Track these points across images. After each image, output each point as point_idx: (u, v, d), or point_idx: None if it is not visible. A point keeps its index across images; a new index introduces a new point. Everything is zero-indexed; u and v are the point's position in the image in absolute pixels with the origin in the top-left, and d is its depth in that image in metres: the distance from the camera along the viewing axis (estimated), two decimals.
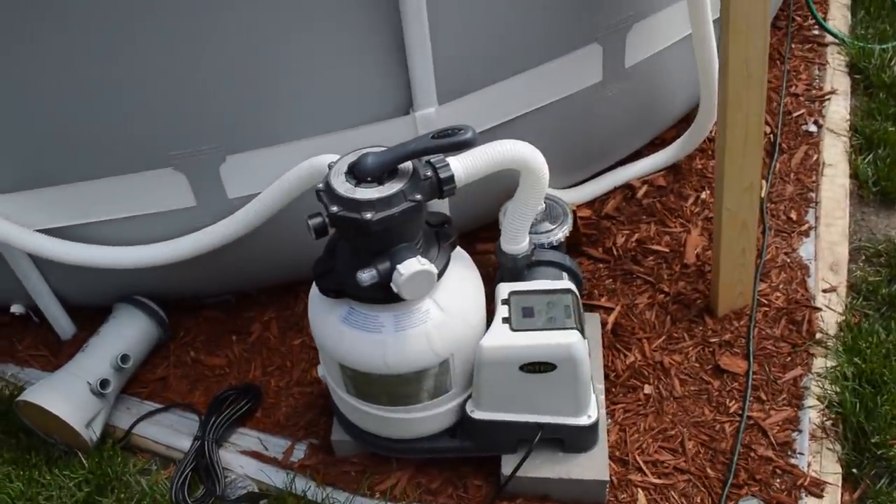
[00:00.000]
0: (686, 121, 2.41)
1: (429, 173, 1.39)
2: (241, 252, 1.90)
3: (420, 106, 1.79)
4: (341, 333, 1.48)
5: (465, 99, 1.84)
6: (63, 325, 2.13)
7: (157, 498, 1.76)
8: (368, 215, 1.32)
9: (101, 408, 1.88)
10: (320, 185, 1.39)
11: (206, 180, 1.81)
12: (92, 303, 2.12)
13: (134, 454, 1.90)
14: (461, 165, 1.42)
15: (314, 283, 1.57)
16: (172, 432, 1.91)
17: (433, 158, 1.42)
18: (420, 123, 1.80)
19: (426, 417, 1.62)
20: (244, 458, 1.84)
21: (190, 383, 2.00)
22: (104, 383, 1.86)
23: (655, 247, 2.14)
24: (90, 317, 2.13)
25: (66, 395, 1.82)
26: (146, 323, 2.01)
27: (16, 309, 2.13)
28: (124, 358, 1.91)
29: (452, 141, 1.33)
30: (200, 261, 1.88)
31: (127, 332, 1.97)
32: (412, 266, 1.36)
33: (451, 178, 1.41)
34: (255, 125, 1.76)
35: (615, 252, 2.14)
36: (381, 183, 1.36)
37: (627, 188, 2.29)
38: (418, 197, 1.35)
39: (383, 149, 1.38)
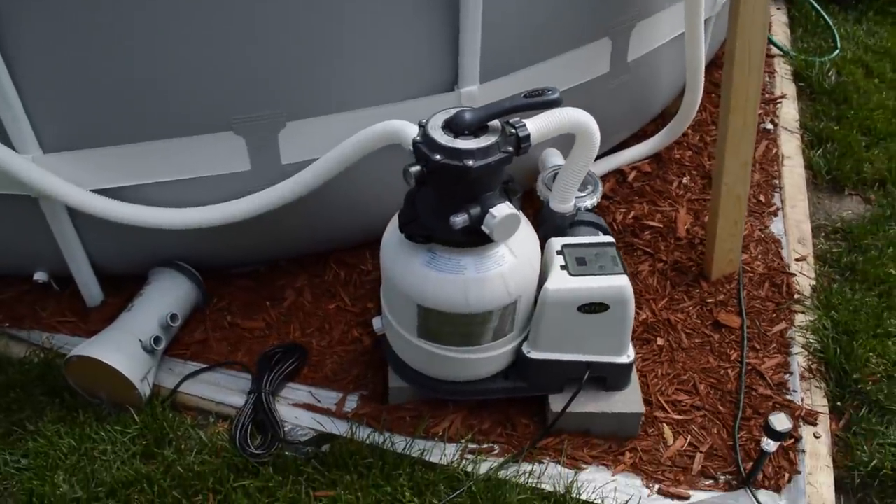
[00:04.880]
0: (662, 117, 2.71)
1: (511, 131, 1.58)
2: (277, 222, 2.00)
3: (464, 83, 1.98)
4: (425, 276, 1.63)
5: (501, 80, 2.04)
6: (93, 291, 2.15)
7: (220, 445, 1.83)
8: (470, 162, 1.49)
9: (152, 365, 1.93)
10: (418, 138, 1.55)
11: (264, 145, 1.92)
12: (124, 270, 2.16)
13: (179, 413, 1.96)
14: (534, 126, 1.61)
15: (386, 237, 1.72)
16: (220, 389, 1.98)
17: (511, 119, 1.60)
18: (464, 99, 1.98)
19: (487, 358, 1.78)
20: (298, 409, 1.93)
21: (230, 345, 2.08)
22: (157, 340, 1.91)
23: (650, 223, 2.40)
24: (114, 285, 2.17)
25: (123, 350, 1.87)
26: (188, 286, 2.07)
27: (39, 276, 2.13)
28: (173, 317, 1.97)
29: (544, 100, 1.53)
30: (239, 228, 1.97)
31: (171, 294, 2.03)
32: (504, 210, 1.53)
33: (528, 137, 1.59)
34: (316, 94, 1.89)
35: (615, 227, 2.38)
36: (475, 136, 1.53)
37: (619, 173, 2.55)
38: (509, 149, 1.53)
39: (474, 107, 1.56)
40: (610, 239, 1.83)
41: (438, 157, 1.50)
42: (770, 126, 2.76)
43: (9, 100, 1.72)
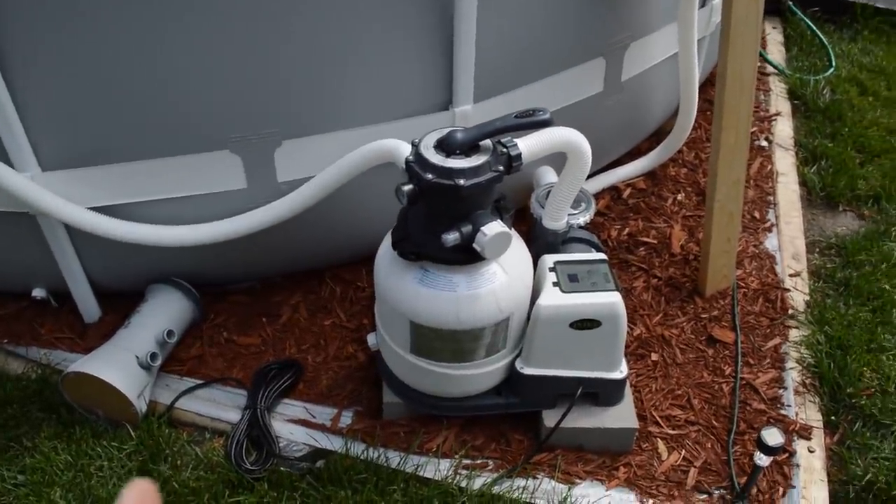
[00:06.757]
0: (657, 135, 2.73)
1: (503, 150, 1.60)
2: (273, 238, 2.02)
3: (459, 103, 2.00)
4: (417, 293, 1.65)
5: (495, 99, 2.07)
6: (90, 308, 2.17)
7: (216, 461, 1.84)
8: (461, 181, 1.50)
9: (148, 381, 1.94)
10: (410, 157, 1.57)
11: (260, 164, 1.94)
12: (120, 287, 2.18)
13: (176, 428, 1.97)
14: (525, 145, 1.63)
15: (380, 254, 1.73)
16: (216, 405, 1.99)
17: (503, 139, 1.62)
18: (458, 118, 2.01)
19: (480, 374, 1.79)
20: (292, 425, 1.94)
21: (226, 361, 2.09)
22: (154, 356, 1.93)
23: (645, 239, 2.41)
24: (111, 302, 2.19)
25: (119, 367, 1.88)
26: (185, 302, 2.09)
27: (37, 293, 2.16)
28: (170, 333, 1.99)
29: (534, 120, 1.55)
30: (235, 245, 1.99)
31: (168, 310, 2.05)
32: (495, 228, 1.55)
33: (519, 156, 1.60)
34: (312, 113, 1.92)
35: (610, 243, 2.40)
36: (467, 156, 1.55)
37: (614, 190, 2.57)
38: (500, 168, 1.55)
39: (466, 128, 1.58)
40: (602, 256, 1.85)
41: (430, 176, 1.52)
42: (765, 143, 2.79)
43: (8, 119, 1.74)
